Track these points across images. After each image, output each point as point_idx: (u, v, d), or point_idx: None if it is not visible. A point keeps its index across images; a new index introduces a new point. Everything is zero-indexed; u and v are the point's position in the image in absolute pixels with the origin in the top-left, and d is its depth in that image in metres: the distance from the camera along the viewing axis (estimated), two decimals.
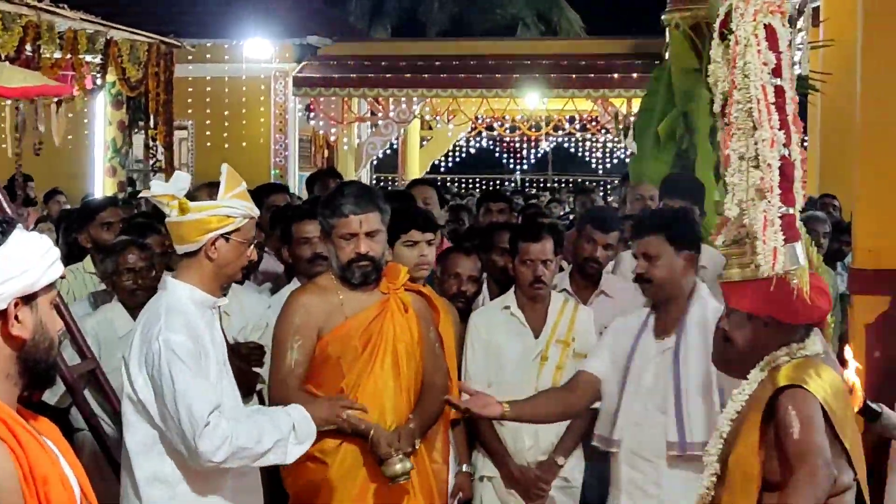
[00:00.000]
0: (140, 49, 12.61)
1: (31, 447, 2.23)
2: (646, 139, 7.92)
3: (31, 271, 2.31)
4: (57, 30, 10.22)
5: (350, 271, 4.22)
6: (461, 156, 23.31)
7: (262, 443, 3.67)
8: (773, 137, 3.27)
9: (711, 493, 3.41)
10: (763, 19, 3.32)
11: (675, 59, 7.91)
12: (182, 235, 3.77)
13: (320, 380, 4.24)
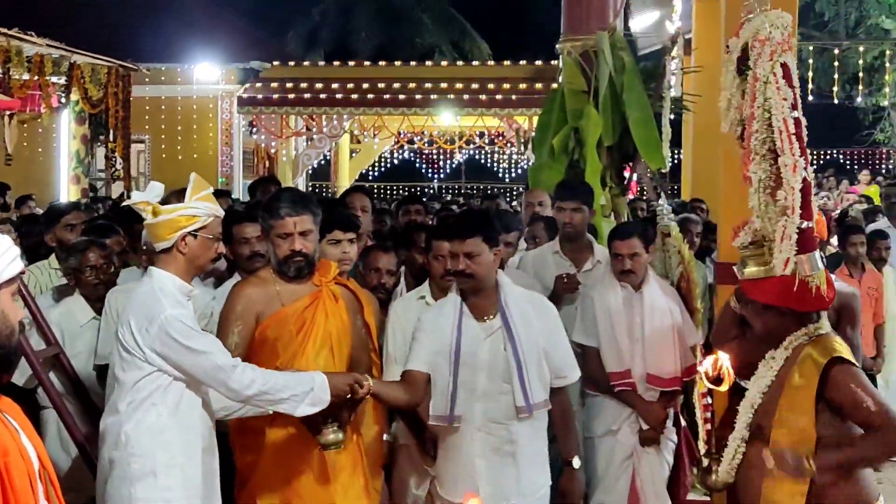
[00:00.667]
0: (101, 72, 12.48)
1: None
2: (543, 151, 7.95)
3: None
4: (25, 54, 10.11)
5: (286, 266, 4.24)
6: (386, 166, 23.34)
7: (283, 391, 3.77)
8: (796, 163, 3.36)
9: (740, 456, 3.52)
10: (779, 59, 3.40)
11: (567, 82, 7.95)
12: (157, 234, 3.83)
13: (259, 358, 4.20)
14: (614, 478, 5.29)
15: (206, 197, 3.89)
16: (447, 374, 4.33)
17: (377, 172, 23.90)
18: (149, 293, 3.84)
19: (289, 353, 4.22)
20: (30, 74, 10.45)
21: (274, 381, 3.78)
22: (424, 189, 24.04)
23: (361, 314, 4.55)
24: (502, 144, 19.23)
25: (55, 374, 4.77)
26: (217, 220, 3.92)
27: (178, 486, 3.76)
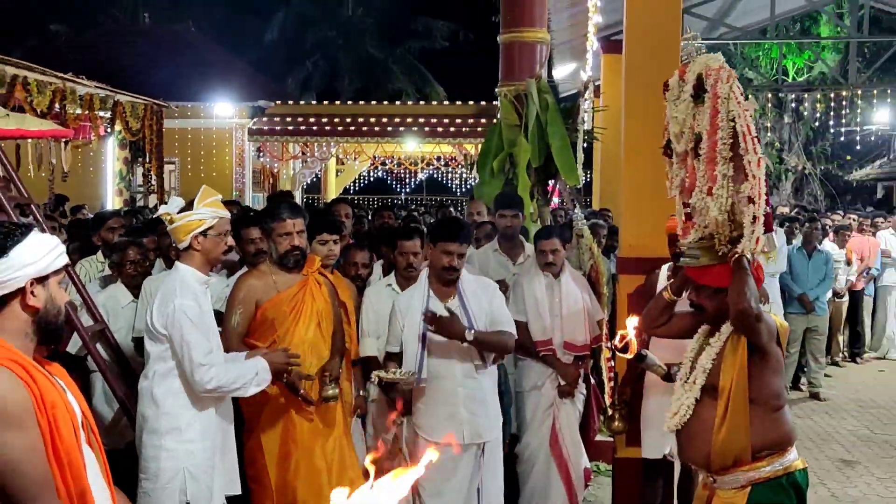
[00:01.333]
0: (139, 108, 12.34)
1: (42, 382, 2.19)
2: (485, 171, 7.94)
3: (42, 261, 2.28)
4: (78, 94, 9.96)
5: (287, 259, 4.25)
6: (364, 182, 23.22)
7: (235, 383, 3.77)
8: (760, 159, 3.26)
9: (691, 412, 3.39)
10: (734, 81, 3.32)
11: (504, 118, 7.96)
12: (176, 236, 3.86)
13: (260, 334, 4.24)
14: (539, 423, 5.32)
15: (211, 203, 3.87)
16: (416, 344, 4.40)
17: (357, 187, 23.84)
18: (171, 283, 3.85)
19: (283, 328, 4.23)
20: (82, 110, 10.31)
21: (229, 376, 3.75)
22: (394, 200, 23.94)
23: (337, 297, 4.55)
24: (455, 166, 19.22)
25: (101, 346, 4.74)
26: (222, 220, 3.89)
27: (198, 437, 3.77)
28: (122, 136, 12.51)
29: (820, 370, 9.28)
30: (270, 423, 4.22)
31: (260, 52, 28.83)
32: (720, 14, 14.48)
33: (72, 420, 2.24)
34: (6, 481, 2.09)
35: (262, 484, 4.23)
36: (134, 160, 13.54)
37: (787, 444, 3.36)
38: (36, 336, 2.30)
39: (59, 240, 2.38)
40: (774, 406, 3.36)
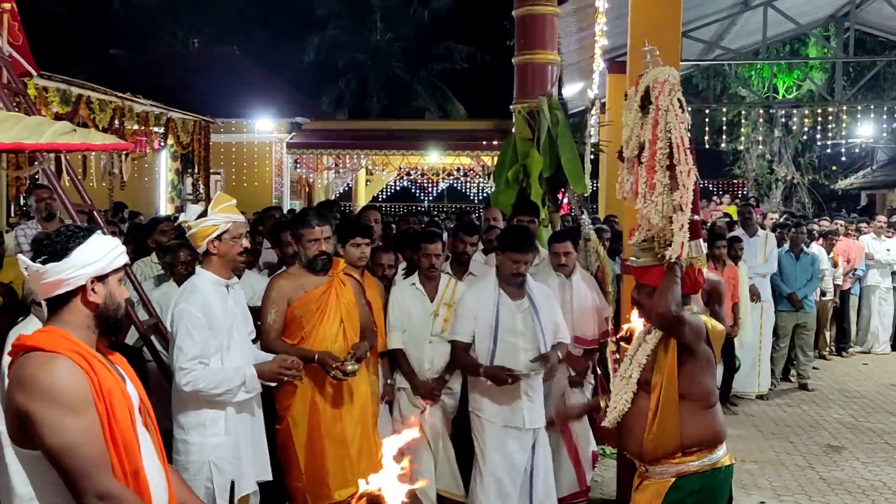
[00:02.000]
0: (189, 124, 12.41)
1: (100, 370, 2.21)
2: (501, 180, 7.92)
3: (102, 260, 2.29)
4: (135, 111, 10.03)
5: (315, 262, 4.22)
6: (390, 191, 23.25)
7: (217, 388, 3.63)
8: (690, 169, 3.20)
9: (629, 405, 3.33)
10: (676, 94, 3.25)
11: (518, 132, 7.94)
12: (195, 242, 3.78)
13: (290, 331, 4.24)
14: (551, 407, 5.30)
15: (225, 208, 3.77)
16: (488, 338, 4.43)
17: (385, 195, 23.83)
18: (185, 287, 3.81)
19: (310, 325, 4.21)
20: (138, 126, 10.40)
21: (212, 381, 3.62)
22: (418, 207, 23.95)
23: (364, 295, 4.54)
24: (473, 176, 19.23)
25: (156, 338, 4.75)
26: (236, 224, 3.78)
27: (222, 432, 3.70)
28: (174, 149, 12.59)
29: (808, 363, 9.22)
30: (300, 412, 4.21)
31: (297, 72, 28.97)
32: (716, 37, 14.39)
33: (128, 405, 2.25)
34: (65, 461, 2.10)
35: (293, 468, 4.22)
36: (184, 171, 13.62)
37: (716, 440, 3.27)
38: (97, 329, 2.31)
39: (118, 241, 2.39)
40: (705, 404, 3.27)
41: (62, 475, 2.11)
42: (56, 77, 7.82)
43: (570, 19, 10.14)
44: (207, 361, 3.64)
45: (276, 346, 4.16)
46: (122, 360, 2.42)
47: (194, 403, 3.66)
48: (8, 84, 5.17)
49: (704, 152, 21.30)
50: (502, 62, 10.68)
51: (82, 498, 2.11)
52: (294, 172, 18.90)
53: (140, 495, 2.21)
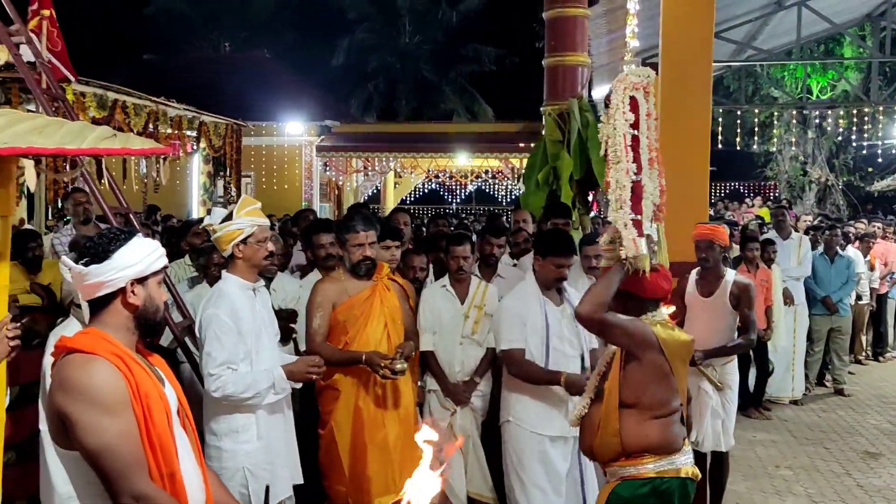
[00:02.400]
0: (220, 127, 12.53)
1: (138, 372, 2.23)
2: (531, 182, 7.94)
3: (142, 263, 2.31)
4: (168, 115, 10.15)
5: (359, 267, 4.20)
6: (419, 193, 23.32)
7: (246, 392, 3.59)
8: (628, 168, 3.17)
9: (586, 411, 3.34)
10: (629, 93, 3.23)
11: (548, 134, 7.95)
12: (220, 246, 3.74)
13: (334, 335, 4.23)
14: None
15: (250, 212, 3.72)
16: (541, 344, 4.31)
17: (413, 198, 23.91)
18: (213, 292, 3.79)
19: (355, 329, 4.19)
20: (171, 129, 10.52)
21: (241, 385, 3.57)
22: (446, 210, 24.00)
23: (408, 299, 4.52)
24: (501, 178, 19.20)
25: (190, 340, 4.78)
26: (261, 227, 3.72)
27: (254, 438, 3.68)
28: (206, 152, 12.71)
29: (843, 367, 9.08)
30: (343, 417, 4.19)
31: (327, 76, 29.12)
32: (748, 38, 14.25)
33: (165, 407, 2.27)
34: (102, 462, 2.12)
35: (335, 473, 4.20)
36: (216, 174, 13.75)
37: (659, 450, 3.20)
38: (137, 330, 2.33)
39: (158, 244, 2.40)
40: (654, 414, 3.18)
41: (99, 476, 2.14)
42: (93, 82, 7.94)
43: (601, 21, 10.11)
44: (236, 367, 3.61)
45: (322, 349, 4.14)
46: (162, 362, 2.44)
47: (226, 409, 3.64)
48: (48, 89, 5.27)
49: (736, 154, 21.09)
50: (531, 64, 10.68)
51: (118, 498, 2.13)
52: (323, 175, 19.00)
53: (176, 497, 2.22)
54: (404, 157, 18.12)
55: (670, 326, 3.28)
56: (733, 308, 5.10)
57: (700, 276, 5.22)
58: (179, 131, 10.81)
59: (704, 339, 5.02)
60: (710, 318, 5.13)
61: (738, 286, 5.09)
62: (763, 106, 20.30)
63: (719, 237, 5.08)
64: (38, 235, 6.23)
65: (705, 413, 5.07)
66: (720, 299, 5.12)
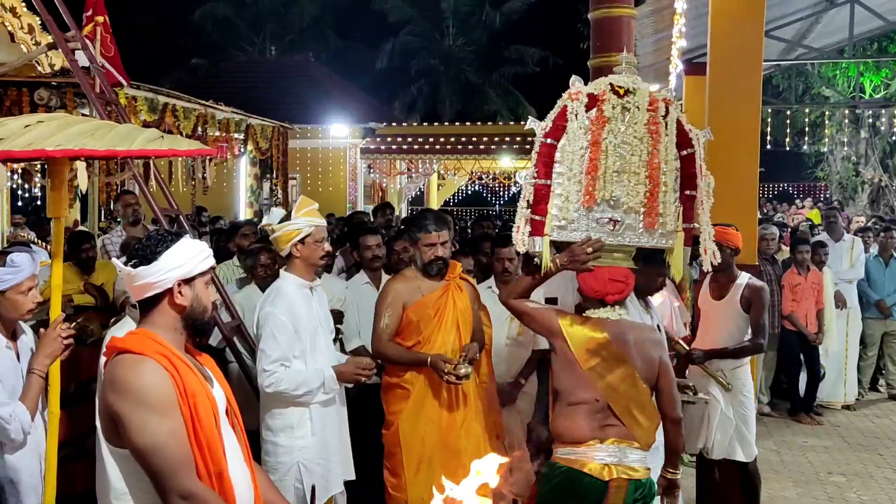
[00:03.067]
0: (267, 130, 12.66)
1: (185, 373, 2.25)
2: None
3: (188, 264, 2.33)
4: (217, 118, 10.29)
5: (431, 267, 4.15)
6: (462, 195, 23.36)
7: (298, 389, 3.65)
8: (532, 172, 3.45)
9: None
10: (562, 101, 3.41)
11: None
12: (279, 245, 3.80)
13: (406, 335, 4.18)
14: None
15: (308, 213, 3.78)
16: None
17: (456, 199, 23.96)
18: (271, 290, 3.83)
19: (428, 330, 4.14)
20: (219, 132, 10.66)
21: (293, 383, 3.64)
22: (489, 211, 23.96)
23: (478, 299, 4.45)
24: None
25: (238, 339, 4.84)
26: (319, 228, 3.78)
27: (309, 434, 3.71)
28: (253, 154, 12.85)
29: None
30: (410, 419, 4.12)
31: (371, 78, 29.33)
32: (798, 36, 13.96)
33: (212, 407, 2.29)
34: (151, 461, 2.14)
35: (398, 476, 4.14)
36: (262, 176, 13.90)
37: (566, 439, 3.32)
38: (185, 331, 2.35)
39: (205, 245, 2.42)
40: (565, 401, 3.35)
41: (148, 474, 2.17)
42: (144, 86, 8.09)
43: (647, 21, 10.00)
44: (289, 364, 3.66)
45: (387, 349, 4.14)
46: (211, 362, 2.47)
47: (281, 405, 3.69)
48: (101, 93, 5.39)
49: (785, 154, 20.71)
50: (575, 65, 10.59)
51: (166, 497, 2.16)
52: (367, 177, 19.11)
53: (223, 496, 2.23)
54: (448, 158, 18.11)
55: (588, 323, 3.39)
56: (744, 311, 4.99)
57: (712, 279, 5.14)
58: (227, 134, 10.94)
59: (715, 342, 4.97)
60: (721, 321, 5.03)
61: (750, 289, 4.98)
62: (814, 105, 19.87)
63: (730, 239, 4.97)
64: (91, 237, 6.37)
65: (713, 418, 4.95)
66: (731, 302, 5.01)
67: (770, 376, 8.14)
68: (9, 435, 3.15)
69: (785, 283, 7.79)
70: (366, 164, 18.58)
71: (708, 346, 4.97)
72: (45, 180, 3.14)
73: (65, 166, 3.07)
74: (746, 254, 5.50)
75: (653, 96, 3.47)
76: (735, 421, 4.96)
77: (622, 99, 3.40)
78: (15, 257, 3.25)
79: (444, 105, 31.37)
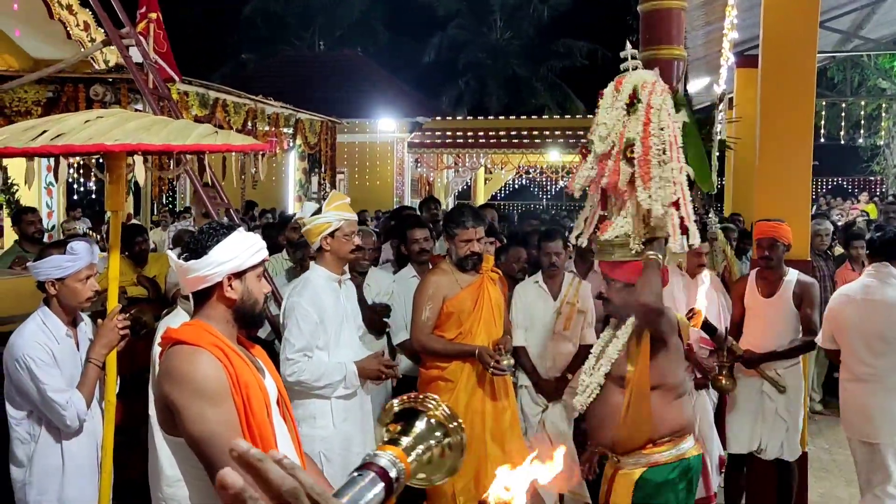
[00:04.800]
0: (316, 125, 12.76)
1: (237, 363, 2.27)
2: None
3: (239, 257, 2.35)
4: (266, 113, 10.40)
5: (466, 262, 4.21)
6: (509, 189, 23.28)
7: (319, 381, 3.66)
8: (682, 167, 3.25)
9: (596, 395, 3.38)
10: (667, 95, 3.32)
11: None
12: (310, 239, 3.83)
13: (446, 327, 4.23)
14: None
15: (339, 206, 3.79)
16: None
17: (504, 194, 23.89)
18: (299, 281, 3.87)
19: (469, 322, 4.19)
20: (269, 127, 10.76)
21: (316, 374, 3.64)
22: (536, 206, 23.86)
23: (506, 293, 4.52)
24: None
25: None
26: (349, 222, 3.78)
27: (330, 425, 3.72)
28: (302, 149, 12.95)
29: None
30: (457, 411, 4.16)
31: (418, 72, 29.39)
32: (854, 26, 13.62)
33: (264, 397, 2.31)
34: (204, 449, 2.17)
35: None
36: (311, 170, 14.00)
37: (685, 430, 3.32)
38: (236, 323, 2.38)
39: (256, 238, 2.43)
40: (676, 394, 3.31)
41: (202, 462, 2.19)
42: (196, 82, 8.21)
43: (698, 13, 9.84)
44: (312, 354, 3.68)
45: (429, 342, 4.19)
46: (263, 353, 2.50)
47: (303, 395, 3.70)
48: (154, 89, 5.50)
49: (840, 148, 20.24)
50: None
51: None
52: (415, 171, 19.19)
53: None
54: (495, 152, 18.09)
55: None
56: (796, 308, 4.89)
57: (760, 275, 5.02)
58: (276, 129, 11.04)
59: (765, 340, 4.87)
60: (771, 319, 4.91)
61: (801, 286, 4.87)
62: (870, 98, 19.39)
63: (783, 235, 4.87)
64: (144, 230, 6.51)
65: (768, 418, 4.88)
66: (782, 299, 4.90)
67: (823, 374, 7.98)
68: (65, 421, 3.24)
69: (838, 280, 7.62)
70: (413, 158, 18.65)
71: (758, 343, 4.89)
72: (104, 175, 3.21)
73: (122, 161, 3.15)
74: (800, 249, 5.39)
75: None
76: (787, 420, 4.89)
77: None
78: (74, 245, 3.34)
79: (491, 99, 31.31)
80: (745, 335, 4.98)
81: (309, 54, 26.73)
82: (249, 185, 11.79)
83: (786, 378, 4.89)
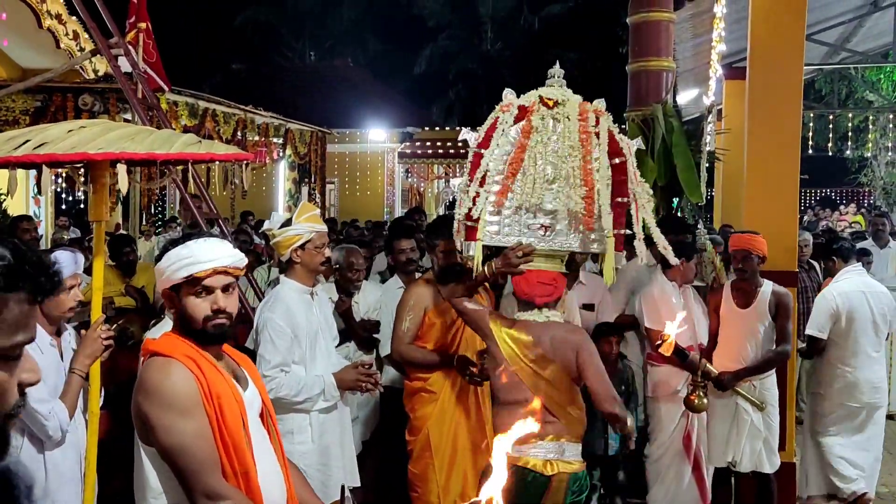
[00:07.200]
0: (306, 134, 12.77)
1: (210, 374, 2.25)
2: None
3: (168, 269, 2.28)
4: (256, 123, 10.39)
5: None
6: None
7: (298, 396, 3.60)
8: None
9: None
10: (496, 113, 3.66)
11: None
12: (279, 250, 3.76)
13: (428, 338, 4.19)
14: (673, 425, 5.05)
15: (309, 218, 3.72)
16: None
17: None
18: (270, 296, 3.80)
19: (451, 332, 4.15)
20: (259, 137, 10.76)
21: (294, 389, 3.58)
22: None
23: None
24: None
25: None
26: (319, 234, 3.71)
27: (308, 440, 3.68)
28: (292, 159, 12.97)
29: None
30: (439, 423, 4.10)
31: (409, 83, 29.41)
32: (841, 39, 13.72)
33: (239, 408, 2.28)
34: (177, 461, 2.17)
35: (429, 482, 4.11)
36: (301, 180, 14.01)
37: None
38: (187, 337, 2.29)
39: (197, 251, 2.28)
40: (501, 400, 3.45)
41: (175, 473, 2.19)
42: (185, 91, 8.20)
43: (686, 25, 9.91)
44: (288, 369, 3.62)
45: (408, 351, 4.14)
46: (249, 363, 2.48)
47: (281, 410, 3.59)
48: (143, 99, 5.48)
49: (828, 160, 20.35)
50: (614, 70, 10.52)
51: (192, 496, 2.17)
52: (405, 181, 19.20)
53: (250, 495, 2.22)
54: None
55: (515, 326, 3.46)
56: (772, 318, 4.90)
57: (736, 287, 5.03)
58: (266, 138, 11.05)
59: (741, 351, 4.89)
60: (746, 329, 4.92)
61: (776, 296, 4.89)
62: (857, 110, 19.51)
63: (757, 247, 4.89)
64: (132, 240, 6.47)
65: (742, 431, 4.88)
66: (758, 310, 4.91)
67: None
68: (47, 432, 3.20)
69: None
70: (403, 168, 18.66)
71: (733, 354, 4.90)
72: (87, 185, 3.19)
73: (106, 170, 3.12)
74: (788, 260, 5.41)
75: (583, 107, 3.60)
76: (763, 432, 4.88)
77: (552, 110, 3.58)
78: (58, 255, 3.32)
79: (482, 109, 31.18)
80: (720, 345, 5.00)
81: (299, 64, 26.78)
82: (239, 195, 11.76)
83: (761, 390, 4.91)
